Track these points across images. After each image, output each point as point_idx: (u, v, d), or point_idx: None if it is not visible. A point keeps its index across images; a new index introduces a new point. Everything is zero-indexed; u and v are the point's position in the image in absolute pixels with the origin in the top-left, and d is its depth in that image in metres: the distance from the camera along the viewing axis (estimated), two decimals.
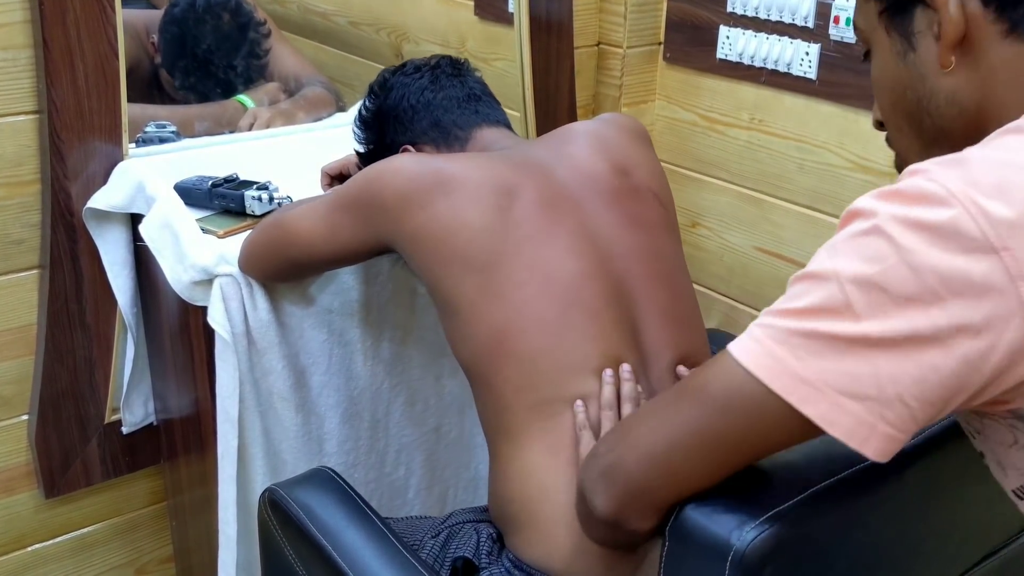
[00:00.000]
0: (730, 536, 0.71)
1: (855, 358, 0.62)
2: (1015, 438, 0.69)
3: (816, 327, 0.63)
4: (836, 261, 0.64)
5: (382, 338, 1.38)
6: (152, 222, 1.29)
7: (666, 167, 1.81)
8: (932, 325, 0.60)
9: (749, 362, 0.65)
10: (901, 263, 0.61)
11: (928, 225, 0.61)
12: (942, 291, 0.60)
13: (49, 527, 1.53)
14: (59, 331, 1.39)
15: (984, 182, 0.61)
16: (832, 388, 0.63)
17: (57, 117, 1.29)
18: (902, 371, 0.61)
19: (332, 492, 1.07)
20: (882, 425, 0.63)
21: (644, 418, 0.76)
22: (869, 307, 0.61)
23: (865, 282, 0.61)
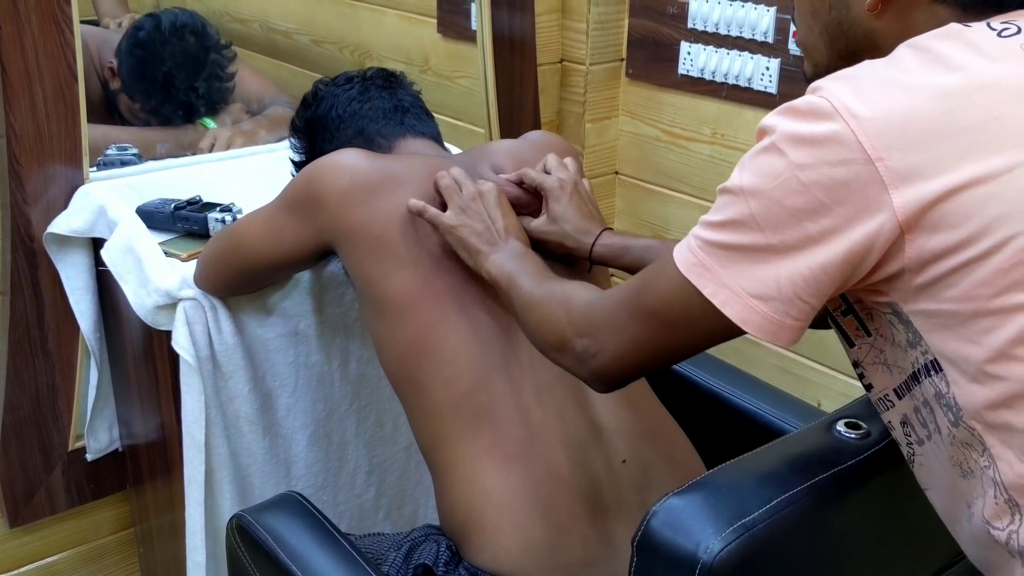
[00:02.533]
0: (697, 549, 0.72)
1: (761, 265, 0.71)
2: (893, 336, 0.76)
3: (731, 239, 0.73)
4: (743, 177, 0.73)
5: (349, 359, 1.37)
6: (114, 246, 1.27)
7: (630, 181, 1.83)
8: (820, 230, 0.69)
9: (686, 270, 0.75)
10: (792, 178, 0.69)
11: (815, 139, 0.68)
12: (827, 201, 0.68)
13: (14, 557, 1.50)
14: (20, 358, 1.37)
15: (871, 98, 0.68)
16: (745, 292, 0.72)
17: (16, 142, 1.27)
18: (798, 274, 0.70)
19: (300, 517, 1.06)
20: (787, 320, 0.72)
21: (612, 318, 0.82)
22: (768, 219, 0.70)
23: (764, 197, 0.71)
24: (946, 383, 0.73)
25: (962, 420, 0.73)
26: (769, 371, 1.61)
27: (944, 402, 0.74)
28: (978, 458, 0.74)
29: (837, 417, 0.88)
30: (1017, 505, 0.72)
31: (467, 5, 1.73)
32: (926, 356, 0.74)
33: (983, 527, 0.75)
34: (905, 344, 0.75)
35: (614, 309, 0.82)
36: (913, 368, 0.76)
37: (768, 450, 0.84)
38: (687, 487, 0.78)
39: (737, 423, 1.22)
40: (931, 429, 0.77)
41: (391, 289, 1.04)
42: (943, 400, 0.74)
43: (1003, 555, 0.75)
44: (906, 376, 0.77)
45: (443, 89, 1.80)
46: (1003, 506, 0.72)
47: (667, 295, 0.77)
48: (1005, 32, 0.71)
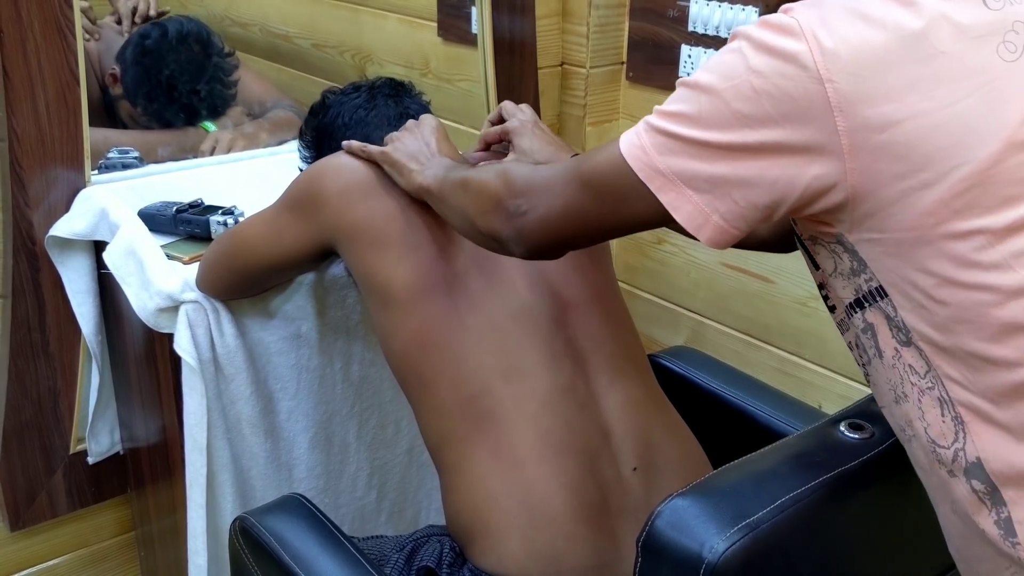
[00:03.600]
0: (702, 549, 0.72)
1: (699, 160, 0.73)
2: (835, 265, 0.78)
3: (676, 129, 0.74)
4: (702, 74, 0.75)
5: (351, 361, 1.38)
6: (116, 249, 1.27)
7: None
8: (760, 140, 0.71)
9: (626, 151, 0.77)
10: (747, 82, 0.71)
11: (777, 51, 0.71)
12: (773, 113, 0.70)
13: (15, 560, 1.50)
14: (22, 361, 1.37)
15: (833, 25, 0.70)
16: (680, 180, 0.74)
17: (18, 145, 1.27)
18: (734, 174, 0.73)
19: (303, 518, 1.06)
20: (715, 217, 0.74)
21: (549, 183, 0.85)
22: (714, 119, 0.73)
23: (715, 95, 0.73)
24: (893, 307, 0.75)
25: (912, 341, 0.75)
26: (770, 373, 1.61)
27: (894, 324, 0.76)
28: (919, 380, 0.76)
29: (840, 418, 0.89)
30: (963, 421, 0.73)
31: (468, 9, 1.74)
32: (870, 283, 0.76)
33: (929, 446, 0.77)
34: (848, 272, 0.77)
35: (553, 175, 0.85)
36: (857, 295, 0.78)
37: (771, 451, 0.85)
38: (691, 488, 0.79)
39: (738, 425, 1.22)
40: (871, 354, 0.80)
41: (395, 280, 1.04)
42: (893, 323, 0.76)
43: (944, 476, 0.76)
44: (850, 301, 0.79)
45: (443, 92, 1.80)
46: (949, 424, 0.74)
47: (605, 170, 0.79)
48: None
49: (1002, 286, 0.69)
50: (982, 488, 0.73)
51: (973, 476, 0.74)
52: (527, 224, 0.85)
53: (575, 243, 0.87)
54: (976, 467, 0.73)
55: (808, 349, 1.57)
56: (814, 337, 1.55)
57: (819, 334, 1.54)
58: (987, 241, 0.69)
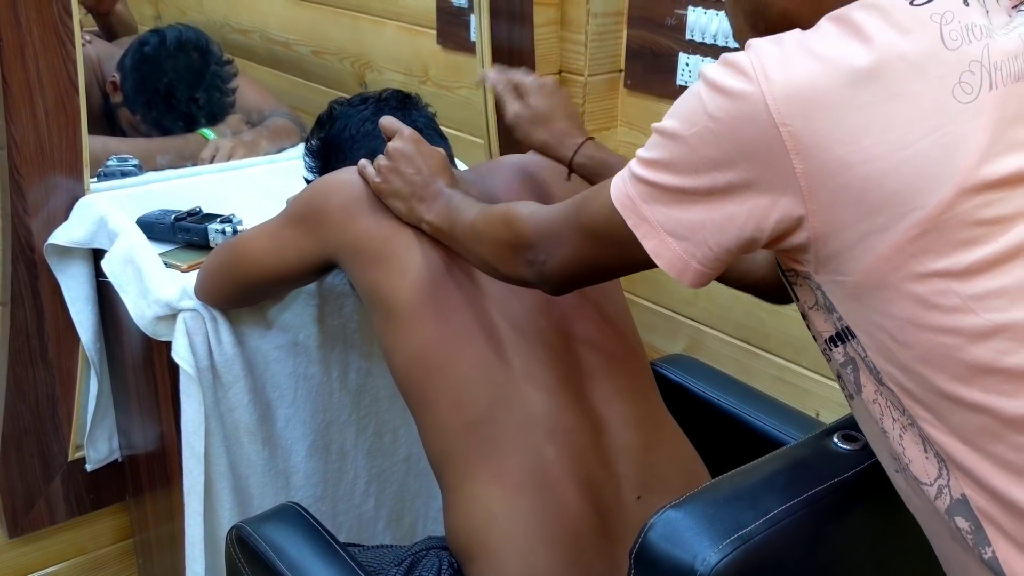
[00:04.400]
0: (694, 561, 0.72)
1: (678, 206, 0.75)
2: (815, 298, 0.79)
3: (654, 177, 0.76)
4: (670, 120, 0.76)
5: (349, 369, 1.38)
6: (115, 257, 1.28)
7: None
8: (727, 182, 0.72)
9: (615, 200, 0.79)
10: (706, 128, 0.72)
11: (732, 92, 0.71)
12: (735, 156, 0.71)
13: (14, 567, 1.50)
14: (21, 368, 1.38)
15: (786, 64, 0.70)
16: (662, 228, 0.76)
17: (17, 153, 1.28)
18: (709, 219, 0.74)
19: (299, 528, 1.06)
20: (694, 263, 0.76)
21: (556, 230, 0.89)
22: (684, 165, 0.74)
23: (682, 143, 0.74)
24: (862, 348, 0.75)
25: (883, 382, 0.75)
26: (767, 381, 1.61)
27: (867, 364, 0.76)
28: (900, 416, 0.75)
29: (833, 429, 0.89)
30: (943, 460, 0.73)
31: (466, 17, 1.74)
32: (841, 323, 0.76)
33: (915, 485, 0.76)
34: (824, 309, 0.78)
35: (557, 223, 0.88)
36: (835, 330, 0.78)
37: (764, 463, 0.85)
38: (684, 500, 0.79)
39: (736, 433, 1.22)
40: (851, 389, 0.80)
41: (397, 295, 1.04)
42: (866, 362, 0.76)
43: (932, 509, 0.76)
44: (829, 335, 0.80)
45: (442, 100, 1.81)
46: (932, 460, 0.74)
47: (600, 218, 0.82)
48: (917, 0, 0.71)
49: (964, 329, 0.68)
50: (968, 525, 0.73)
51: (957, 514, 0.73)
52: (548, 271, 0.89)
53: (599, 279, 0.92)
54: (962, 504, 0.72)
55: (806, 357, 1.57)
56: (812, 345, 1.54)
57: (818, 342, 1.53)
58: (946, 285, 0.68)
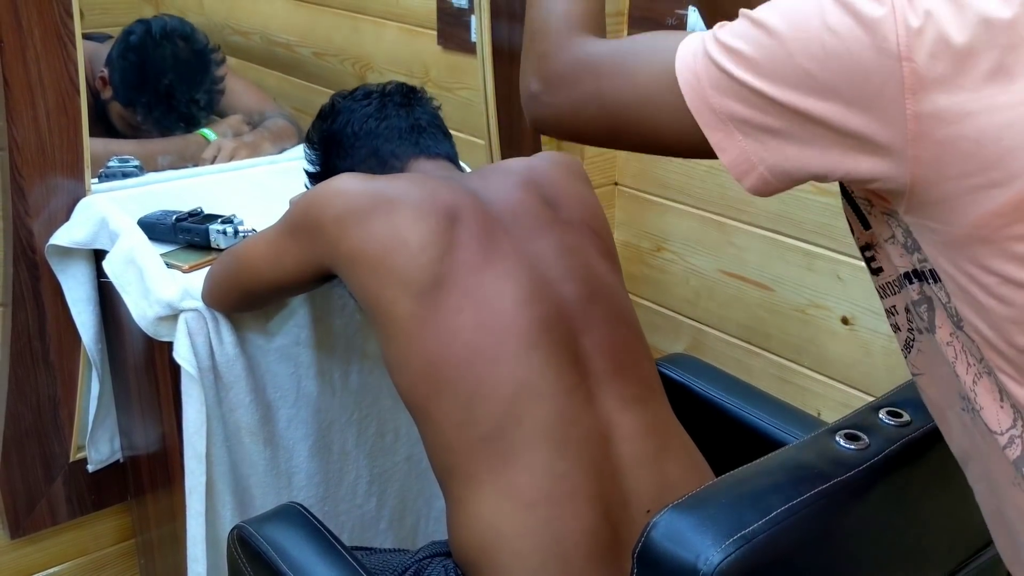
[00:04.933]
0: (697, 560, 0.72)
1: (753, 107, 0.69)
2: (892, 233, 0.75)
3: (732, 69, 0.69)
4: (770, 13, 0.69)
5: (350, 369, 1.38)
6: (116, 258, 1.28)
7: (630, 192, 1.83)
8: (818, 111, 0.67)
9: (680, 73, 0.72)
10: (817, 39, 0.66)
11: (859, 13, 0.65)
12: (839, 82, 0.66)
13: (15, 568, 1.50)
14: (22, 369, 1.38)
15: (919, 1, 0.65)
16: (731, 122, 0.70)
17: (18, 154, 1.28)
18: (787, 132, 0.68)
19: (301, 528, 1.06)
20: (761, 167, 0.70)
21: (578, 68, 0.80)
22: (775, 69, 0.68)
23: (780, 44, 0.67)
24: (946, 294, 0.72)
25: (962, 329, 0.72)
26: (770, 380, 1.61)
27: (947, 309, 0.73)
28: (976, 364, 0.73)
29: (836, 428, 0.89)
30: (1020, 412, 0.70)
31: (467, 17, 1.74)
32: (924, 264, 0.73)
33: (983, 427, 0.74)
34: (903, 245, 0.75)
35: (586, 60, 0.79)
36: (912, 267, 0.75)
37: (766, 462, 0.85)
38: (687, 499, 0.79)
39: (738, 433, 1.22)
40: (922, 326, 0.77)
41: (397, 316, 1.01)
42: (947, 307, 0.73)
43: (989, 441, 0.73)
44: (906, 271, 0.76)
45: (443, 100, 1.79)
46: (1007, 411, 0.71)
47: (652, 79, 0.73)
48: None
49: None
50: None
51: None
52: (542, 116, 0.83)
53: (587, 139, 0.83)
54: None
55: (807, 357, 1.57)
56: (814, 345, 1.55)
57: (818, 342, 1.54)
58: None
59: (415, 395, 1.03)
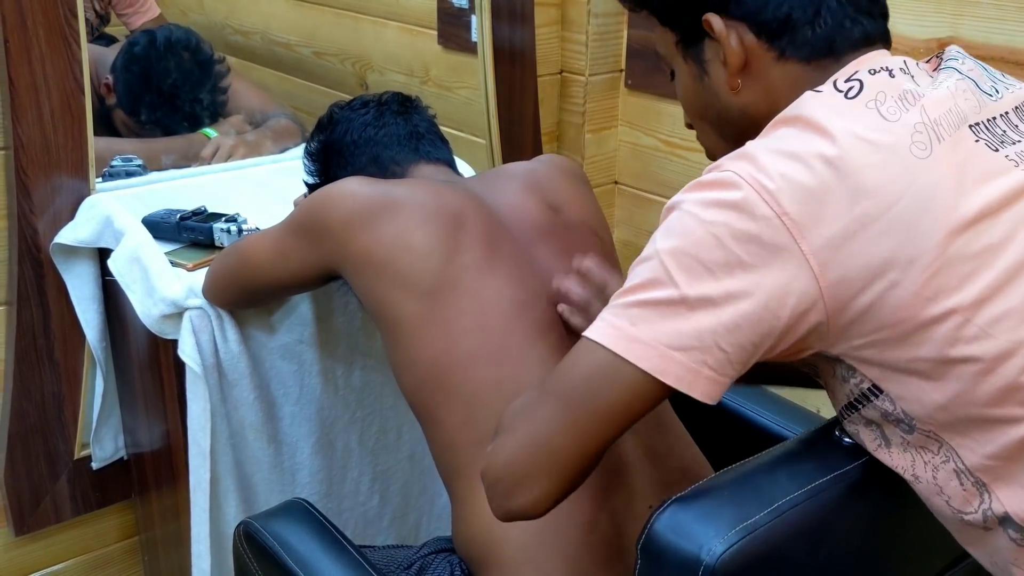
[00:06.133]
0: (700, 551, 0.73)
1: (678, 318, 0.73)
2: (833, 370, 0.81)
3: (645, 297, 0.75)
4: (656, 244, 0.76)
5: (353, 367, 1.39)
6: (121, 256, 1.29)
7: (629, 191, 1.84)
8: (738, 285, 0.72)
9: (596, 335, 0.76)
10: (707, 234, 0.73)
11: (725, 203, 0.73)
12: (743, 255, 0.72)
13: (19, 565, 1.51)
14: (27, 367, 1.38)
15: (767, 168, 0.73)
16: (661, 344, 0.73)
17: (23, 153, 1.29)
18: (718, 323, 0.73)
19: (307, 523, 1.07)
20: (705, 370, 0.74)
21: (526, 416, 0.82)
22: (685, 274, 0.73)
23: (680, 253, 0.74)
24: (890, 401, 0.77)
25: (916, 428, 0.78)
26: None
27: (893, 419, 0.79)
28: (932, 458, 0.78)
29: (835, 422, 0.89)
30: (984, 484, 0.77)
31: (467, 17, 1.75)
32: (861, 385, 0.78)
33: (956, 517, 0.80)
34: (840, 378, 0.80)
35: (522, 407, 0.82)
36: (849, 398, 0.81)
37: (769, 455, 0.85)
38: (690, 491, 0.80)
39: (738, 429, 1.23)
40: (878, 443, 0.82)
41: (402, 318, 1.02)
42: (891, 417, 0.79)
43: (979, 532, 0.79)
44: (845, 403, 0.82)
45: (444, 100, 1.81)
46: (971, 490, 0.77)
47: (579, 372, 0.77)
48: (850, 93, 0.78)
49: (987, 355, 0.72)
50: (1018, 536, 0.77)
51: (1009, 527, 0.77)
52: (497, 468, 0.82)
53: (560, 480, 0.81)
54: (1007, 519, 0.76)
55: None
56: None
57: None
58: (963, 317, 0.72)
59: (420, 396, 1.04)
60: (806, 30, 0.82)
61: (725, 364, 0.74)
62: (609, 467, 1.02)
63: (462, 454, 1.01)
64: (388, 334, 1.05)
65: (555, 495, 0.81)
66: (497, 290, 1.03)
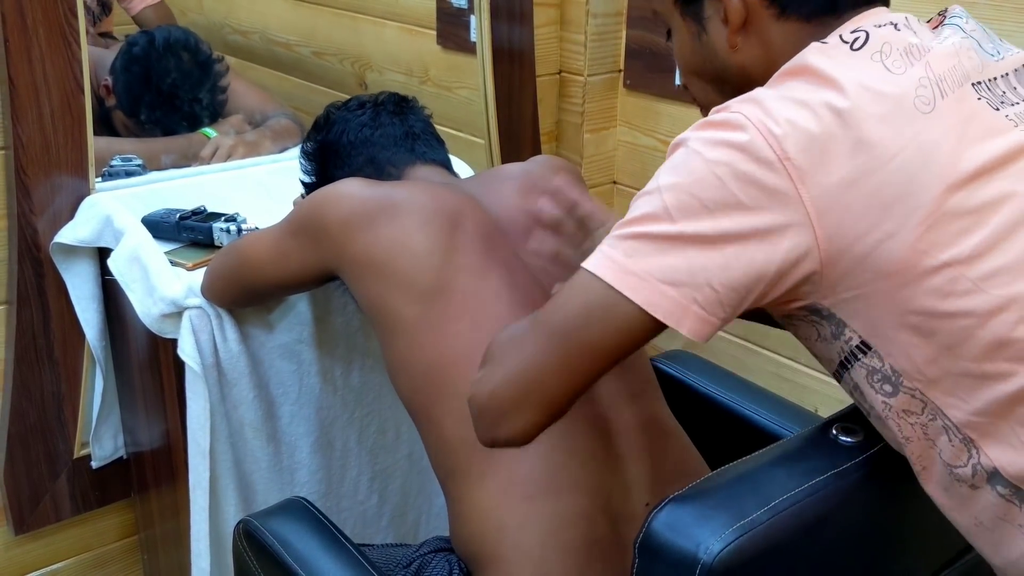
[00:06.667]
0: (697, 550, 0.73)
1: (672, 253, 0.74)
2: (818, 332, 0.81)
3: (641, 230, 0.75)
4: (659, 178, 0.77)
5: (352, 367, 1.39)
6: (121, 256, 1.29)
7: (628, 191, 1.85)
8: (734, 225, 0.73)
9: (592, 266, 0.76)
10: (709, 173, 0.74)
11: (731, 143, 0.74)
12: (741, 196, 0.73)
13: (19, 564, 1.51)
14: (26, 367, 1.38)
15: (773, 112, 0.74)
16: (653, 277, 0.74)
17: (23, 153, 1.29)
18: (710, 261, 0.73)
19: (307, 522, 1.07)
20: (694, 307, 0.74)
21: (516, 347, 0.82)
22: (682, 211, 0.74)
23: (680, 190, 0.74)
24: (879, 358, 0.78)
25: (902, 385, 0.78)
26: (767, 378, 1.63)
27: (879, 377, 0.79)
28: (917, 419, 0.79)
29: (832, 421, 0.90)
30: (971, 440, 0.77)
31: (467, 17, 1.76)
32: (850, 343, 0.79)
33: (945, 472, 0.80)
34: (829, 336, 0.80)
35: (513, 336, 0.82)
36: (840, 357, 0.81)
37: (766, 453, 0.86)
38: (687, 490, 0.80)
39: (735, 429, 1.24)
40: (866, 408, 0.83)
41: (400, 320, 1.03)
42: (877, 375, 0.79)
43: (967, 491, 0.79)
44: (835, 365, 0.82)
45: (443, 100, 1.82)
46: (959, 446, 0.78)
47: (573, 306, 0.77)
48: (856, 44, 0.78)
49: (978, 309, 0.73)
50: (1007, 492, 0.77)
51: (997, 483, 0.77)
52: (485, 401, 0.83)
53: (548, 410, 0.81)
54: (996, 475, 0.77)
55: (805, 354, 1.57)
56: None
57: None
58: (957, 272, 0.73)
59: (416, 398, 1.04)
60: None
61: (715, 304, 0.74)
62: (608, 465, 1.03)
63: (458, 454, 1.01)
64: (385, 335, 1.06)
65: (540, 425, 0.81)
66: (493, 291, 1.04)
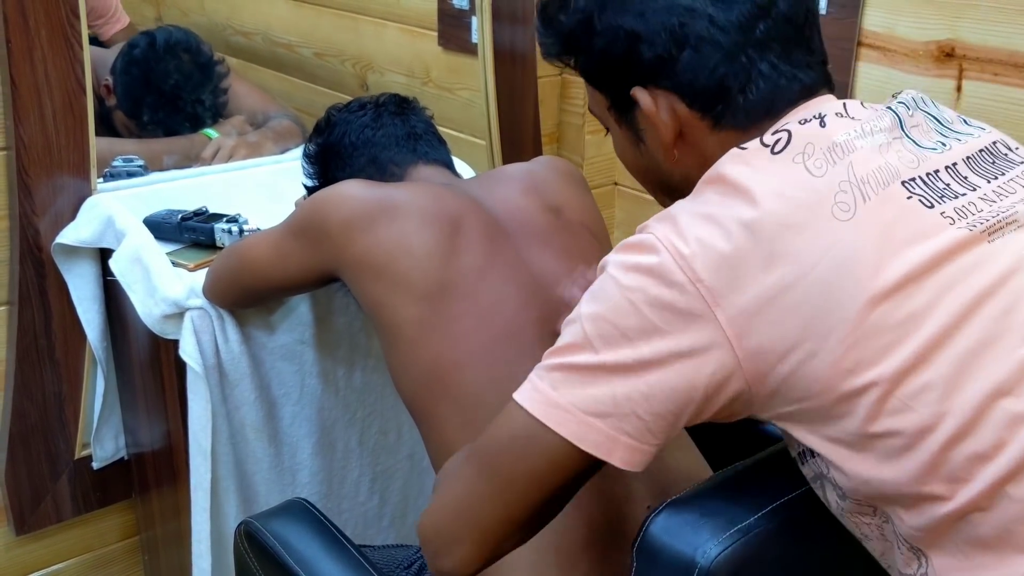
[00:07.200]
0: (695, 553, 0.73)
1: (596, 384, 0.72)
2: None
3: (566, 361, 0.74)
4: (582, 306, 0.75)
5: (354, 368, 1.39)
6: (122, 256, 1.29)
7: (629, 192, 1.85)
8: (653, 351, 0.71)
9: (520, 398, 0.76)
10: (624, 300, 0.72)
11: (641, 267, 0.73)
12: (657, 322, 0.71)
13: (20, 565, 1.52)
14: (28, 367, 1.39)
15: (685, 232, 0.72)
16: (579, 409, 0.73)
17: (25, 153, 1.29)
18: (634, 390, 0.72)
19: (308, 523, 1.07)
20: (623, 438, 0.73)
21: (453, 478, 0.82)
22: (603, 340, 0.73)
23: (599, 319, 0.73)
24: (825, 465, 0.76)
25: (846, 496, 0.76)
26: None
27: (828, 480, 0.77)
28: (872, 519, 0.77)
29: None
30: (919, 550, 0.74)
31: (468, 18, 1.76)
32: (799, 447, 0.77)
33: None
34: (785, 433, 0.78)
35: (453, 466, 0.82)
36: (795, 451, 0.80)
37: (764, 458, 0.86)
38: (685, 494, 0.80)
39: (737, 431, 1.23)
40: (824, 502, 0.81)
41: (401, 321, 1.03)
42: (826, 479, 0.77)
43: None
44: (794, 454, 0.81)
45: (444, 101, 1.82)
46: (908, 554, 0.75)
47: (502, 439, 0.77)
48: (776, 147, 0.75)
49: (908, 428, 0.70)
50: None
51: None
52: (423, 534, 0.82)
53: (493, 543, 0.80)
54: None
55: None
56: None
57: None
58: (884, 391, 0.69)
59: (418, 399, 1.04)
60: (739, 98, 0.79)
61: (644, 432, 0.73)
62: (607, 470, 1.03)
63: None
64: (386, 337, 1.06)
65: (479, 560, 0.79)
66: (496, 292, 1.04)
